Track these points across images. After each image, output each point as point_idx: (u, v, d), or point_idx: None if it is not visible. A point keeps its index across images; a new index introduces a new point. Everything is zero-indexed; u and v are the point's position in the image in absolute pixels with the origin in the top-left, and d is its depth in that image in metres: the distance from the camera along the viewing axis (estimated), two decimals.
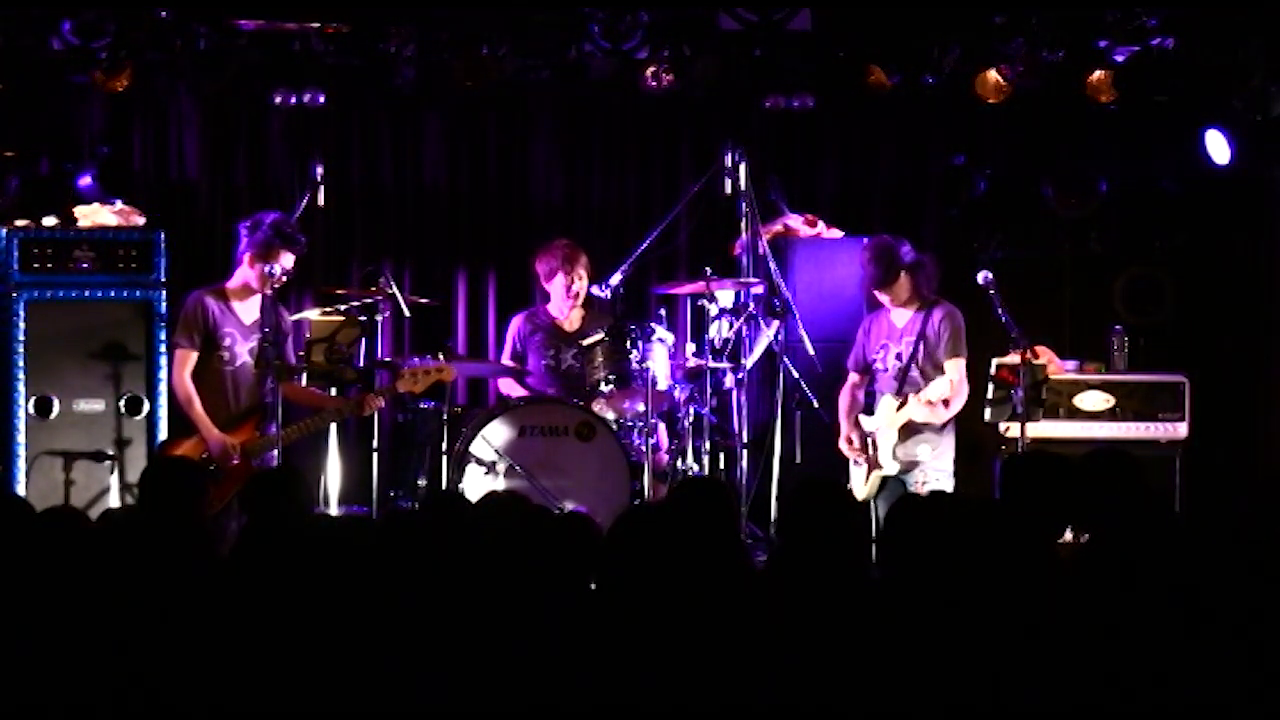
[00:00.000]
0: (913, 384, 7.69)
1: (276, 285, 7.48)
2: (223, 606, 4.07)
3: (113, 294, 8.04)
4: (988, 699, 3.62)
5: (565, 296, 8.28)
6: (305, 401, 7.66)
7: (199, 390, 7.43)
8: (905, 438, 7.67)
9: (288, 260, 7.49)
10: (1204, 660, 3.78)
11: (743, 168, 7.99)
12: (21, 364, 7.98)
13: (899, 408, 7.65)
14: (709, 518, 4.60)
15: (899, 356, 7.78)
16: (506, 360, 8.35)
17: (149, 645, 3.93)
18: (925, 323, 7.73)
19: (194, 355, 7.45)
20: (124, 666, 3.88)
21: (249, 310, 7.56)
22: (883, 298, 7.86)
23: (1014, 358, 7.65)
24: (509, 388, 8.32)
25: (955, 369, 7.67)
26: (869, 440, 7.77)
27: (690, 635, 3.70)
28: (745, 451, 7.82)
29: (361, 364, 7.64)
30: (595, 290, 8.12)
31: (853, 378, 8.02)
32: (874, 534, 7.42)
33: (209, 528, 5.87)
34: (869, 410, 7.88)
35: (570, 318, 8.34)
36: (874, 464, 7.73)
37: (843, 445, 7.90)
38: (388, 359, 8.22)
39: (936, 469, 7.67)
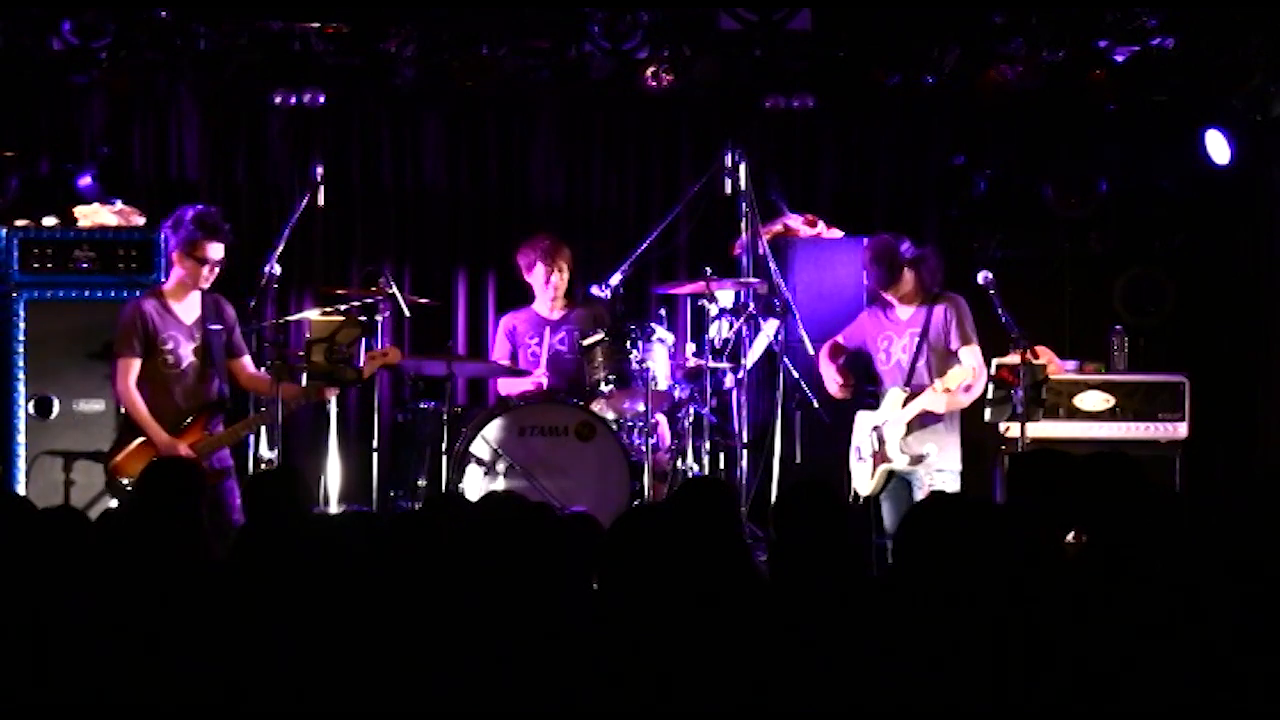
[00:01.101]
0: (919, 378, 7.64)
1: (211, 278, 7.46)
2: (221, 606, 4.07)
3: (113, 294, 8.04)
4: (991, 700, 3.62)
5: (545, 287, 8.30)
6: (262, 392, 7.63)
7: (147, 395, 7.37)
8: (911, 432, 7.61)
9: (216, 251, 7.42)
10: (1205, 660, 3.78)
11: (743, 168, 7.98)
12: (21, 364, 7.99)
13: (906, 401, 7.60)
14: (711, 517, 4.60)
15: (904, 349, 7.73)
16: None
17: (148, 644, 3.93)
18: (929, 317, 7.69)
19: (137, 362, 7.37)
20: (123, 666, 3.88)
21: (189, 309, 7.51)
22: (889, 297, 7.82)
23: (1014, 358, 7.63)
24: (507, 387, 8.33)
25: (972, 355, 7.60)
26: (874, 435, 7.70)
27: (692, 635, 3.70)
28: (745, 451, 7.82)
29: (361, 364, 7.64)
30: (595, 290, 8.12)
31: (836, 339, 7.98)
32: (874, 531, 7.50)
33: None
34: (869, 405, 7.83)
35: (554, 307, 8.36)
36: (881, 458, 7.66)
37: (834, 381, 7.86)
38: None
39: (943, 467, 7.61)
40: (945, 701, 3.60)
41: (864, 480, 7.73)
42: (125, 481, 7.25)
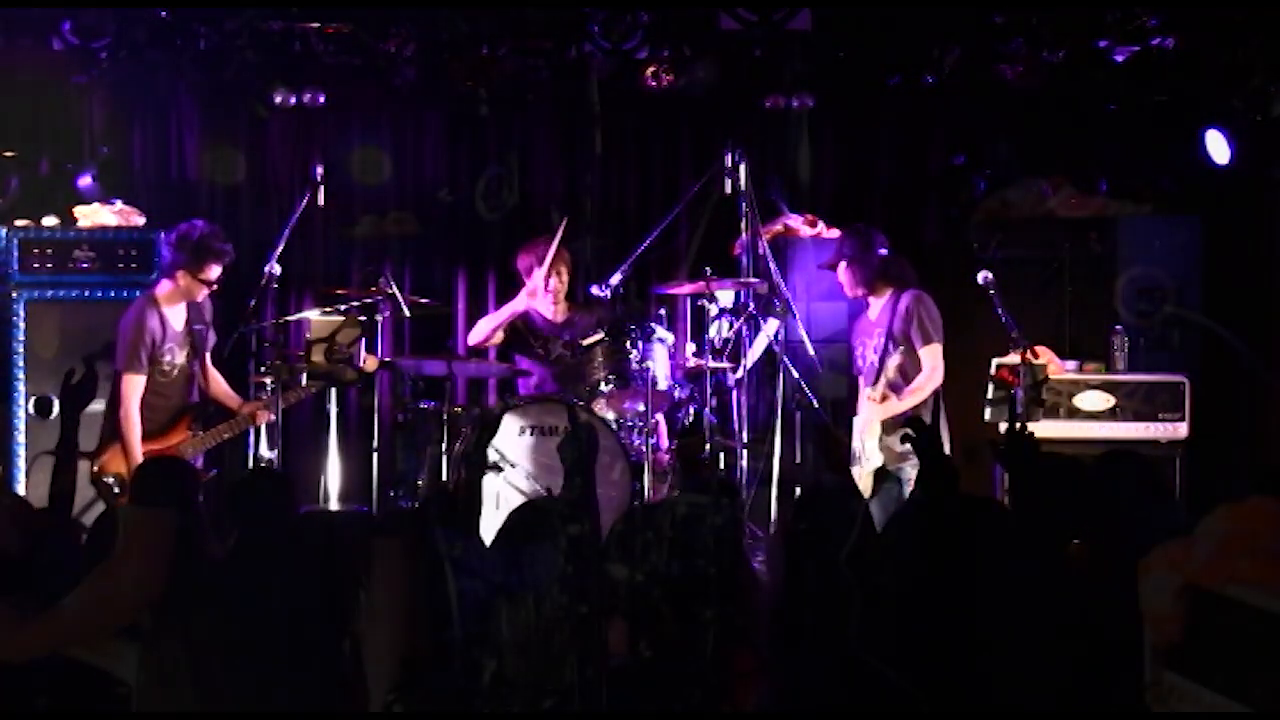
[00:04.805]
0: (885, 376, 7.54)
1: (206, 293, 7.53)
2: (216, 606, 4.08)
3: (113, 294, 8.05)
4: (994, 701, 3.63)
5: (544, 290, 8.31)
6: (222, 401, 7.68)
7: (140, 401, 7.42)
8: (890, 430, 7.52)
9: (217, 271, 7.49)
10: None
11: (743, 168, 7.98)
12: (21, 364, 8.00)
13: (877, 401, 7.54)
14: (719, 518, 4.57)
15: (875, 349, 7.69)
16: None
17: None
18: (893, 313, 7.63)
19: (143, 378, 7.42)
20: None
21: (178, 316, 7.57)
22: (868, 296, 7.76)
23: (1014, 358, 7.61)
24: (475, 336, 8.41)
25: (932, 355, 7.52)
26: (859, 438, 7.64)
27: (695, 635, 3.70)
28: (745, 451, 7.82)
29: (361, 364, 7.64)
30: (595, 290, 8.12)
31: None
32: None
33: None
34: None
35: (556, 310, 8.37)
36: (859, 459, 7.62)
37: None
38: (387, 359, 8.24)
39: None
40: (948, 702, 3.60)
41: (865, 486, 7.61)
42: (109, 479, 7.28)
